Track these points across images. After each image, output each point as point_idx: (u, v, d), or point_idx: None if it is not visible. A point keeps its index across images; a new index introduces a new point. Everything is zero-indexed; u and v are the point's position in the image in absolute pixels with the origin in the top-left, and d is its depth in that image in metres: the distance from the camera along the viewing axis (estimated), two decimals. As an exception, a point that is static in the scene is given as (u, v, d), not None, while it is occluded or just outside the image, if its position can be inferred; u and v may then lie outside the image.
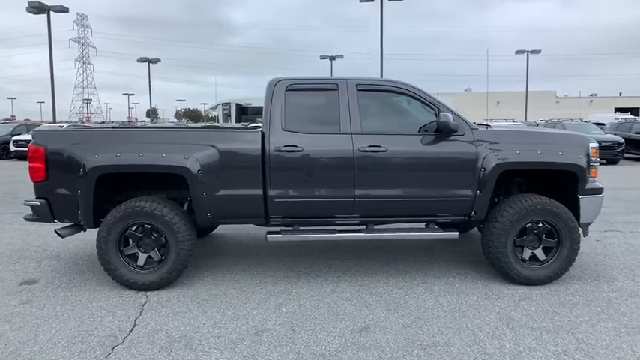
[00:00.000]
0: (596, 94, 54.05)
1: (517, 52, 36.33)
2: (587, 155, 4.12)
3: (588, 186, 4.12)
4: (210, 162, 3.89)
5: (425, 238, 4.49)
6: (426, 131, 4.11)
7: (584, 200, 4.11)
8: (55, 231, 4.12)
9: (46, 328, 3.27)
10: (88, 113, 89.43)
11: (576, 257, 4.13)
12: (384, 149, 3.97)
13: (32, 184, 4.01)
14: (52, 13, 24.56)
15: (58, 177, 3.91)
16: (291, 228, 4.23)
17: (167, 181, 4.26)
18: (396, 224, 4.39)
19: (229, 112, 69.25)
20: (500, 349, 2.97)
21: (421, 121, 4.15)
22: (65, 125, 20.84)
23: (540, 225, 4.07)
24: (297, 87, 4.12)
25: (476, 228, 5.00)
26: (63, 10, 24.93)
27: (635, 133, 17.09)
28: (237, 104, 68.17)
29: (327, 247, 5.25)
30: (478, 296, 3.86)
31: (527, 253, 4.10)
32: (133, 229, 3.94)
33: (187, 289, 4.03)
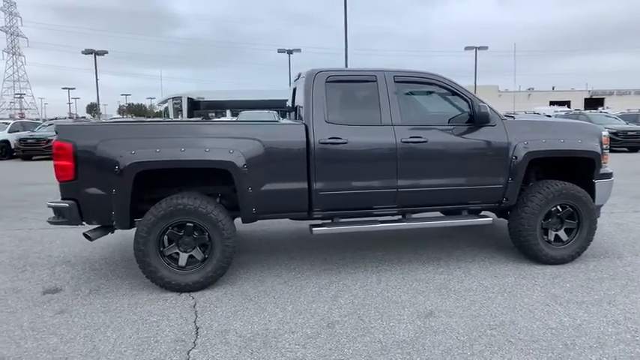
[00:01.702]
0: (533, 89, 58.16)
1: (466, 49, 38.12)
2: (601, 142, 4.47)
3: (602, 171, 4.48)
4: (254, 156, 3.78)
5: (460, 225, 4.65)
6: (455, 122, 4.26)
7: (598, 184, 4.47)
8: (84, 234, 3.82)
9: (102, 337, 3.04)
10: (20, 109, 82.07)
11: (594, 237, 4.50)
12: (424, 140, 4.07)
13: (58, 183, 3.69)
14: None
15: (89, 175, 3.63)
16: (329, 220, 4.23)
17: (200, 177, 4.10)
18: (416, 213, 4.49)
19: (180, 106, 66.37)
20: (562, 323, 3.18)
21: (455, 112, 4.29)
22: (12, 122, 19.11)
23: (563, 208, 4.37)
24: (336, 79, 4.10)
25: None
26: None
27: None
28: (188, 98, 65.41)
29: (351, 239, 5.28)
30: (515, 277, 4.09)
31: (551, 235, 4.39)
32: (173, 228, 3.75)
33: (231, 287, 3.91)
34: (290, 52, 44.52)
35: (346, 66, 24.15)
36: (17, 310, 3.49)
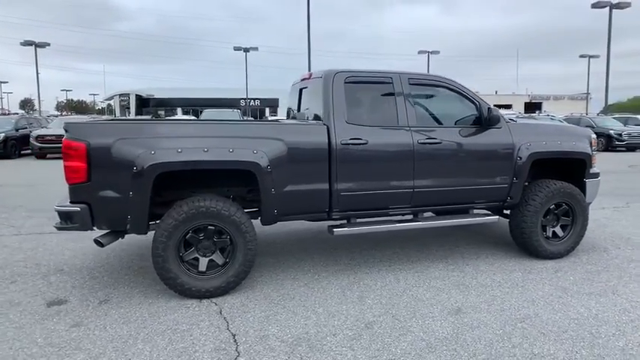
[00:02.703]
0: (478, 92, 61.23)
1: (420, 52, 39.52)
2: (591, 144, 4.82)
3: (591, 171, 4.83)
4: (277, 156, 3.70)
5: (470, 223, 4.80)
6: (465, 124, 4.41)
7: (589, 183, 4.81)
8: (96, 240, 3.55)
9: (134, 350, 2.85)
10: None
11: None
12: (439, 141, 4.18)
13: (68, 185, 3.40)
14: None
15: (104, 177, 3.38)
16: (345, 221, 4.23)
17: (214, 178, 3.95)
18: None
19: (128, 103, 63.15)
20: (580, 314, 3.40)
21: (463, 114, 4.44)
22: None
23: (558, 206, 4.66)
24: (354, 80, 4.10)
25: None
26: None
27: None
28: (137, 95, 62.48)
29: (353, 239, 5.30)
30: (522, 272, 4.31)
31: (549, 231, 4.67)
32: (194, 231, 3.58)
33: (252, 291, 3.80)
34: (247, 50, 43.94)
35: (309, 66, 24.20)
36: (24, 325, 3.18)
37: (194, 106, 62.37)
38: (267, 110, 62.37)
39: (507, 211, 4.84)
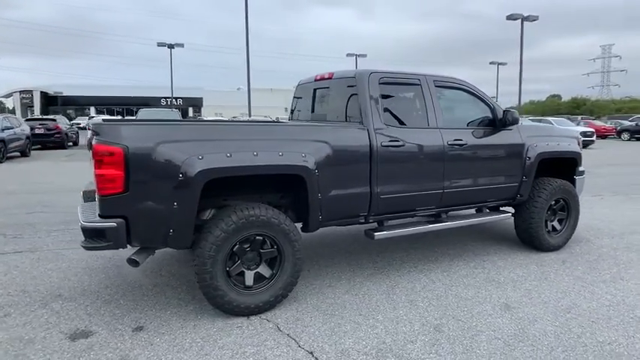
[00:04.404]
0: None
1: (348, 55, 40.56)
2: (579, 144, 5.29)
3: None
4: (323, 159, 3.52)
5: (487, 221, 4.98)
6: (482, 125, 4.58)
7: (578, 180, 5.27)
8: (130, 259, 3.08)
9: (210, 381, 2.51)
10: None
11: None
12: (464, 142, 4.29)
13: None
14: None
15: (144, 186, 2.93)
16: (375, 224, 4.17)
17: (248, 184, 3.65)
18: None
19: (32, 101, 56.90)
20: (610, 301, 3.70)
21: (480, 116, 4.61)
22: None
23: (556, 202, 5.04)
24: (387, 80, 4.05)
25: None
26: None
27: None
28: (42, 92, 56.65)
29: (361, 241, 5.24)
30: (536, 265, 4.58)
31: (549, 226, 5.04)
32: (241, 243, 3.27)
33: (298, 303, 3.58)
34: (171, 46, 41.72)
35: (248, 67, 23.60)
36: (56, 366, 2.65)
37: (109, 105, 57.69)
38: (191, 110, 59.78)
39: (505, 208, 5.11)
